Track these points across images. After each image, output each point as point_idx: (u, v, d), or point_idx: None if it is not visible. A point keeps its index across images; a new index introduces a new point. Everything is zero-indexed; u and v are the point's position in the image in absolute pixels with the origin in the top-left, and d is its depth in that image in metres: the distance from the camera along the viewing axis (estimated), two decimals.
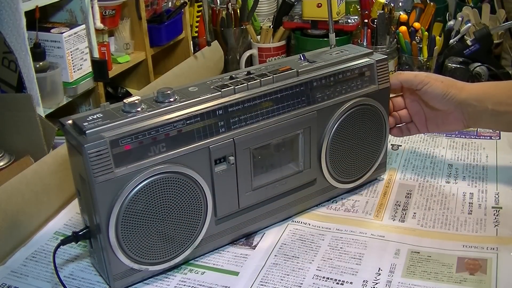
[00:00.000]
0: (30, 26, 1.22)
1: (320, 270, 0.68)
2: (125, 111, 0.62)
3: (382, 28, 1.26)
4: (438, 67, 1.20)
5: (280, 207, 0.75)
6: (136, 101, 0.63)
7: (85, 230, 0.66)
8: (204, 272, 0.69)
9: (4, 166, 1.02)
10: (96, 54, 1.45)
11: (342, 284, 0.65)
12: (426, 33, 1.20)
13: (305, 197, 0.77)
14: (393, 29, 1.27)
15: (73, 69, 1.35)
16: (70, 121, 0.62)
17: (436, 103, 0.79)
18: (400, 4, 1.48)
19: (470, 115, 0.78)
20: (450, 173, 0.86)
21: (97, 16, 1.42)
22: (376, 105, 0.78)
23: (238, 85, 0.67)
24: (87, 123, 0.60)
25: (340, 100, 0.74)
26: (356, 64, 0.75)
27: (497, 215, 0.75)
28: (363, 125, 0.77)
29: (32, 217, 0.77)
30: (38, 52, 1.27)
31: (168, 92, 0.64)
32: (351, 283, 0.65)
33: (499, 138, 0.94)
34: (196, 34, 1.70)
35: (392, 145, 0.95)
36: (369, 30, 1.29)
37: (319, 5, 1.36)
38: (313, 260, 0.69)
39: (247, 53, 1.50)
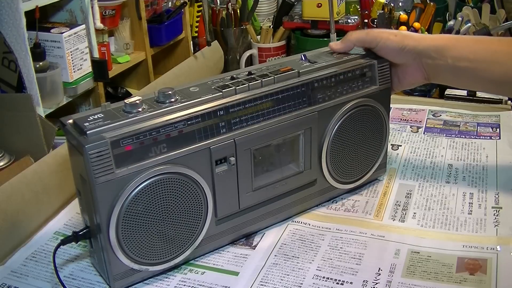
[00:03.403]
0: (30, 26, 1.22)
1: (320, 270, 0.68)
2: (126, 111, 0.62)
3: (382, 28, 1.26)
4: None
5: (280, 208, 0.75)
6: (137, 101, 0.62)
7: (85, 230, 0.66)
8: (204, 272, 0.69)
9: (4, 166, 1.02)
10: (96, 54, 1.45)
11: (342, 284, 0.65)
12: (426, 33, 1.20)
13: (305, 198, 0.77)
14: (393, 29, 1.27)
15: (73, 69, 1.36)
16: (70, 121, 0.62)
17: (393, 57, 0.76)
18: (400, 4, 1.48)
19: (429, 67, 0.75)
20: (450, 173, 0.86)
21: (97, 16, 1.42)
22: (376, 105, 0.78)
23: (239, 86, 0.67)
24: (88, 123, 0.60)
25: (341, 101, 0.74)
26: (357, 64, 0.75)
27: (497, 215, 0.75)
28: (363, 126, 0.77)
29: (32, 217, 0.77)
30: (38, 52, 1.27)
31: (169, 92, 0.64)
32: (351, 283, 0.65)
33: (499, 138, 0.94)
34: (196, 34, 1.71)
35: (392, 145, 0.95)
36: None
37: (319, 5, 1.36)
38: (313, 260, 0.69)
39: (247, 53, 1.50)
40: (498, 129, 0.97)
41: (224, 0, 1.57)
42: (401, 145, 0.95)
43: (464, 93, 1.09)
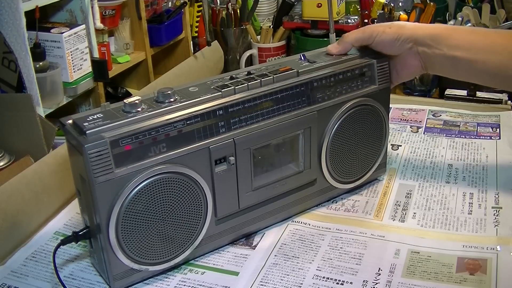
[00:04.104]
0: (30, 26, 1.22)
1: (320, 270, 0.68)
2: (126, 111, 0.62)
3: None
4: None
5: (280, 207, 0.75)
6: (137, 101, 0.62)
7: (85, 230, 0.66)
8: (204, 272, 0.69)
9: (4, 166, 1.02)
10: (96, 54, 1.45)
11: (342, 284, 0.65)
12: None
13: (305, 197, 0.77)
14: None
15: (73, 69, 1.36)
16: (70, 121, 0.62)
17: (391, 49, 0.76)
18: (400, 4, 1.48)
19: (426, 56, 0.75)
20: (450, 173, 0.86)
21: (97, 16, 1.43)
22: (376, 105, 0.78)
23: (238, 85, 0.67)
24: (87, 123, 0.60)
25: (340, 100, 0.74)
26: (356, 64, 0.75)
27: (497, 215, 0.75)
28: (363, 126, 0.77)
29: (32, 217, 0.77)
30: (38, 52, 1.27)
31: (169, 92, 0.64)
32: (351, 283, 0.65)
33: (499, 138, 0.94)
34: (196, 34, 1.71)
35: (392, 145, 0.95)
36: None
37: (319, 5, 1.36)
38: (313, 260, 0.69)
39: (247, 53, 1.50)
40: (498, 129, 0.97)
41: (224, 0, 1.57)
42: (401, 145, 0.95)
43: (464, 93, 1.09)
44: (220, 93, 0.66)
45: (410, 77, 0.83)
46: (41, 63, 1.28)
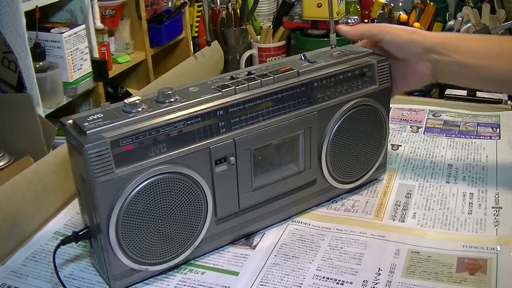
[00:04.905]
0: (30, 26, 1.22)
1: (320, 270, 0.68)
2: (126, 111, 0.62)
3: None
4: None
5: (280, 207, 0.75)
6: (137, 101, 0.62)
7: (85, 230, 0.66)
8: (204, 272, 0.69)
9: (4, 166, 1.03)
10: (96, 54, 1.45)
11: (342, 284, 0.65)
12: None
13: (305, 197, 0.77)
14: None
15: (73, 69, 1.36)
16: (70, 121, 0.62)
17: (401, 52, 0.76)
18: (400, 4, 1.48)
19: (437, 63, 0.75)
20: (450, 173, 0.86)
21: (97, 16, 1.43)
22: (376, 105, 0.78)
23: (238, 86, 0.67)
24: (87, 123, 0.60)
25: (340, 101, 0.74)
26: (357, 64, 0.75)
27: (497, 215, 0.75)
28: (363, 126, 0.77)
29: (32, 217, 0.77)
30: (38, 52, 1.28)
31: (169, 92, 0.64)
32: (351, 283, 0.65)
33: (499, 138, 0.94)
34: (196, 34, 1.71)
35: (392, 145, 0.95)
36: None
37: (319, 5, 1.36)
38: (313, 260, 0.69)
39: (247, 53, 1.50)
40: (498, 129, 0.97)
41: (224, 0, 1.57)
42: (401, 145, 0.95)
43: (464, 93, 1.09)
44: (221, 93, 0.66)
45: (418, 85, 0.82)
46: (41, 63, 1.28)
